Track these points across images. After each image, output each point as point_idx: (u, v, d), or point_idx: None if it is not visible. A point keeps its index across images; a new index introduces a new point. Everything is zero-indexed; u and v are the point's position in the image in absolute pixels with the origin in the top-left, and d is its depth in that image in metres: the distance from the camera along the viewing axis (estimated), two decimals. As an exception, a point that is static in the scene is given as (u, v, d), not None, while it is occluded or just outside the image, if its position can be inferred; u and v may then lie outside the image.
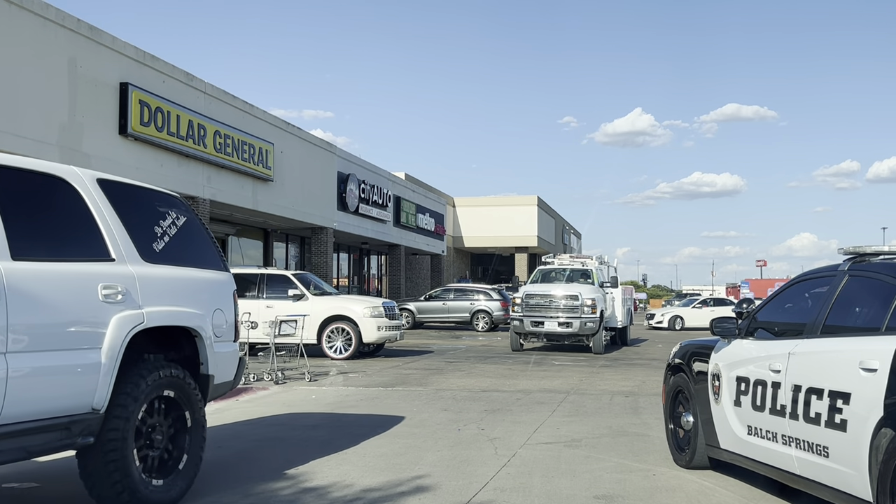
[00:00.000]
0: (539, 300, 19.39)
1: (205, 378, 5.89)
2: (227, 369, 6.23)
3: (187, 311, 5.67)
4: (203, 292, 5.98)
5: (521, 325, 19.44)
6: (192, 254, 6.07)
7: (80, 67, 16.88)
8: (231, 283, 6.44)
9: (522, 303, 19.48)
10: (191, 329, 5.72)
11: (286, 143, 26.02)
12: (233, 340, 6.31)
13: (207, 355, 5.86)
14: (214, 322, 5.97)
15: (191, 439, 5.58)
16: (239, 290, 17.69)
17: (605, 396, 11.21)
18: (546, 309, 19.21)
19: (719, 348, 6.02)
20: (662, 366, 16.93)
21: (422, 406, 10.18)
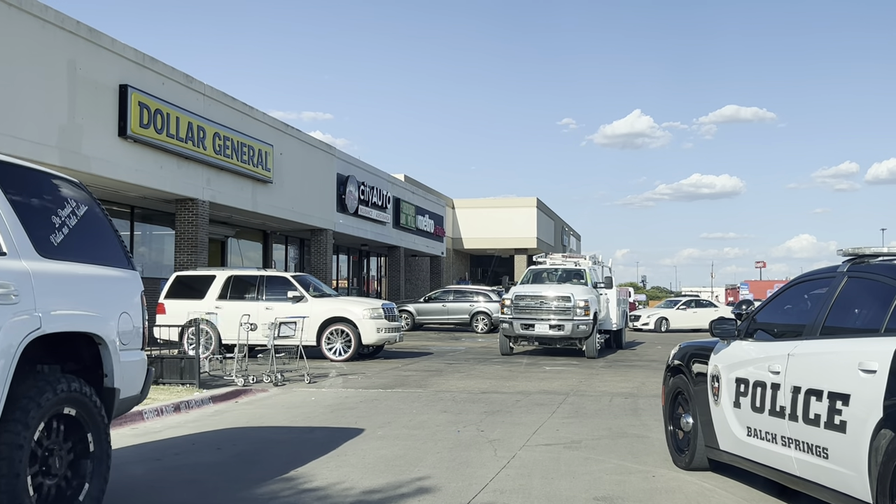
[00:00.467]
0: (529, 301, 18.53)
1: (109, 392, 5.10)
2: (135, 381, 5.47)
3: (90, 315, 4.90)
4: (108, 293, 5.23)
5: (510, 328, 18.59)
6: (95, 248, 5.29)
7: (79, 69, 16.88)
8: (138, 284, 5.72)
9: (512, 304, 18.66)
10: (94, 336, 4.96)
11: (286, 145, 26.04)
12: (140, 348, 5.59)
13: (113, 366, 5.08)
14: (121, 328, 5.21)
15: (93, 465, 4.80)
16: (238, 291, 17.85)
17: (604, 398, 11.22)
18: (537, 311, 18.36)
19: (718, 350, 6.02)
20: (662, 367, 16.93)
21: (421, 408, 10.18)
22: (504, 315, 18.75)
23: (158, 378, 11.99)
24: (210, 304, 17.47)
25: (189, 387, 11.59)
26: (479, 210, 52.84)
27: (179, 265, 20.96)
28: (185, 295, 17.94)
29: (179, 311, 17.02)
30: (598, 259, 22.88)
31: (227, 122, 22.36)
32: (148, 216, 24.14)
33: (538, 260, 22.09)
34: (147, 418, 9.14)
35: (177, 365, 12.07)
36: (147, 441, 7.94)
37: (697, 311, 35.70)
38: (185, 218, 21.29)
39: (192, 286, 18.18)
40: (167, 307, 17.85)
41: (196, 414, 9.74)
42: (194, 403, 10.16)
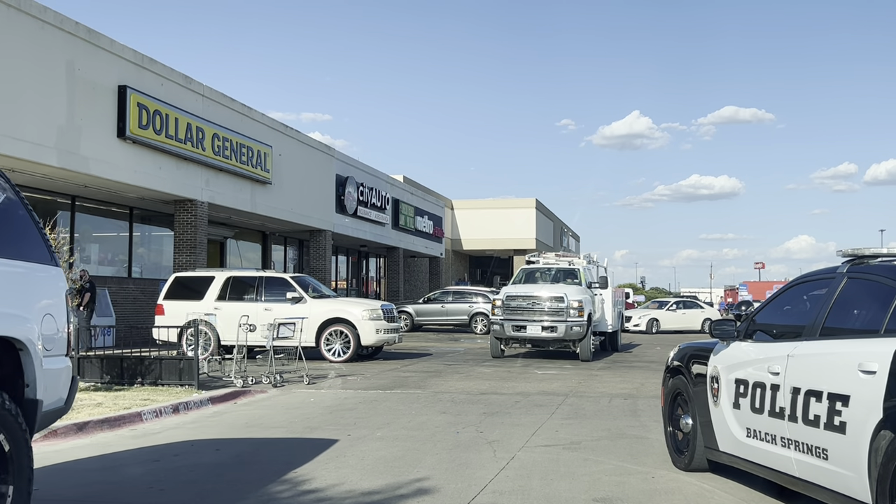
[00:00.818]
0: (521, 302, 17.90)
1: (32, 404, 4.49)
2: (59, 391, 4.88)
3: (10, 316, 4.35)
4: (29, 292, 4.65)
5: (501, 330, 17.98)
6: (13, 242, 4.69)
7: (78, 70, 16.88)
8: (62, 281, 5.15)
9: (503, 305, 18.03)
10: (14, 341, 4.38)
11: (285, 146, 26.04)
12: (65, 354, 5.00)
13: (35, 374, 4.50)
14: (44, 331, 4.63)
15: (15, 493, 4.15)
16: (237, 292, 17.84)
17: (603, 399, 11.21)
18: (529, 312, 17.75)
19: (718, 351, 6.01)
20: (661, 368, 16.94)
21: (420, 409, 10.17)
22: (495, 316, 18.25)
23: (157, 380, 11.98)
24: (209, 305, 17.46)
25: (188, 388, 11.58)
26: (478, 211, 52.85)
27: (178, 266, 20.95)
28: (184, 296, 17.93)
29: (178, 312, 17.00)
30: (592, 258, 22.32)
31: (226, 123, 22.36)
32: (147, 217, 24.13)
33: (531, 259, 21.52)
34: (146, 419, 9.13)
35: (175, 366, 12.06)
36: (145, 442, 7.93)
37: (686, 312, 35.58)
38: (184, 219, 21.28)
39: (191, 287, 18.16)
40: (166, 308, 17.83)
41: (195, 415, 9.73)
42: (193, 405, 10.14)
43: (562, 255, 22.11)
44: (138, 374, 12.14)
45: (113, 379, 12.18)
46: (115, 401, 10.03)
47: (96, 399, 10.23)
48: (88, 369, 12.34)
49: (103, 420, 8.55)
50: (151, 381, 12.03)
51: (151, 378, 12.06)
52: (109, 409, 9.30)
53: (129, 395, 10.64)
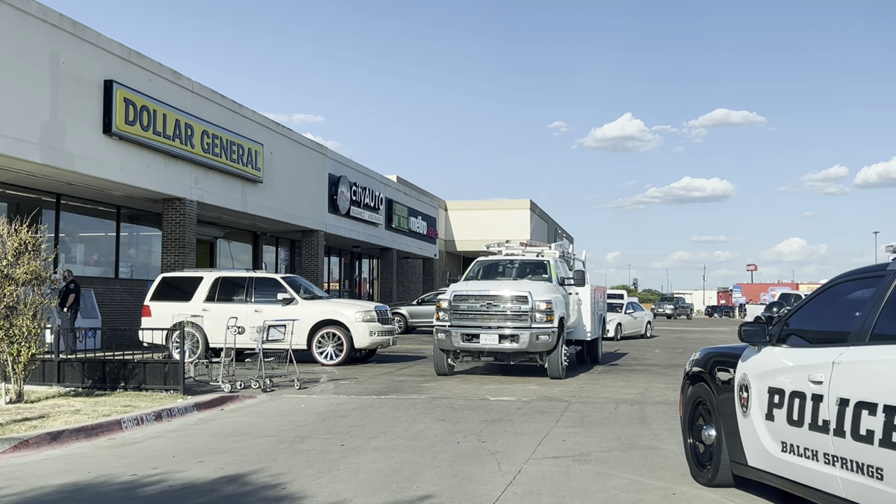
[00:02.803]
0: (473, 303, 13.93)
1: None
2: None
3: None
4: None
5: (447, 339, 13.98)
6: None
7: (62, 64, 16.31)
8: None
9: (450, 307, 14.05)
10: None
11: (276, 144, 25.47)
12: None
13: None
14: None
15: None
16: (226, 293, 17.26)
17: (609, 405, 10.70)
18: (483, 316, 13.85)
19: (747, 356, 5.50)
20: (663, 372, 16.47)
21: (417, 416, 9.64)
22: (439, 322, 14.20)
23: (141, 384, 11.43)
24: (197, 306, 16.89)
25: (173, 393, 11.03)
26: (471, 212, 52.36)
27: (166, 266, 20.37)
28: (172, 297, 17.36)
29: (165, 314, 16.45)
30: (567, 250, 18.32)
31: (216, 121, 21.79)
32: (135, 216, 23.53)
33: (490, 250, 17.35)
34: (126, 428, 8.57)
35: (160, 370, 11.51)
36: (123, 454, 7.38)
37: (636, 315, 31.72)
38: (173, 218, 20.69)
39: (179, 288, 17.60)
40: (153, 309, 17.26)
41: (179, 423, 9.17)
42: (177, 411, 9.58)
43: (528, 244, 17.70)
44: (121, 379, 11.58)
45: (94, 383, 11.61)
46: (94, 407, 9.47)
47: (75, 405, 9.68)
48: (69, 373, 11.77)
49: (80, 429, 8.00)
50: (135, 385, 11.48)
51: (135, 383, 11.50)
52: (88, 416, 8.75)
53: (109, 401, 10.08)
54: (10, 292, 9.79)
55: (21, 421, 8.43)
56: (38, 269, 10.04)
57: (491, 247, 17.44)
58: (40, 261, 10.18)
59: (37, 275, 10.05)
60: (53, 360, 11.70)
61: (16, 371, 10.01)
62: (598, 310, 18.05)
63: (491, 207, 53.70)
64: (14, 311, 9.90)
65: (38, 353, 10.27)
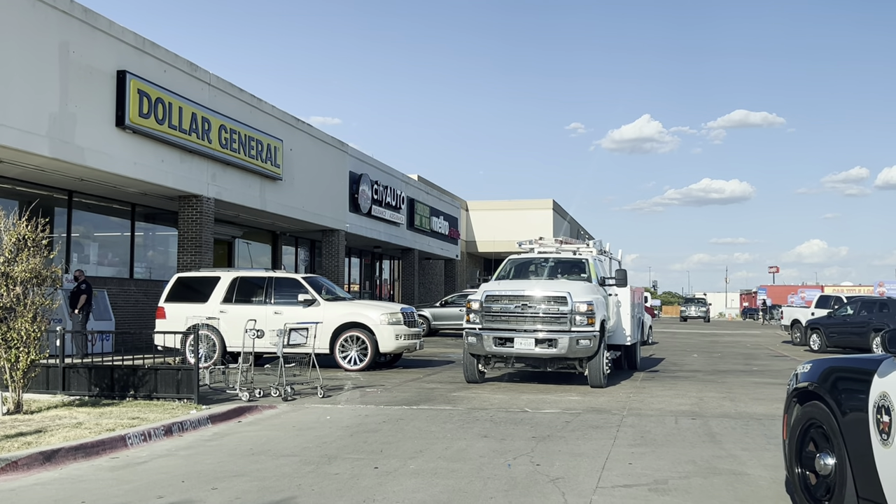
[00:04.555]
0: (507, 304, 12.94)
1: None
2: None
3: None
4: None
5: (478, 343, 12.97)
6: None
7: (72, 53, 15.47)
8: None
9: (482, 309, 13.05)
10: None
11: (296, 140, 24.58)
12: None
13: None
14: None
15: None
16: (245, 294, 16.29)
17: (667, 419, 9.63)
18: (518, 318, 12.83)
19: (887, 372, 4.45)
20: (709, 379, 15.30)
21: (456, 430, 8.65)
22: (470, 324, 13.19)
23: (152, 392, 10.52)
24: (214, 307, 16.01)
25: (186, 402, 10.11)
26: (493, 212, 51.28)
27: (182, 266, 19.51)
28: (187, 298, 16.49)
29: (181, 316, 15.58)
30: (604, 248, 16.82)
31: (234, 115, 20.91)
32: (150, 215, 22.72)
33: (523, 247, 16.13)
34: (131, 444, 7.63)
35: (173, 377, 10.59)
36: (126, 477, 6.44)
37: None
38: (189, 216, 19.83)
39: (195, 288, 16.72)
40: (167, 311, 16.39)
41: (191, 438, 8.23)
42: (189, 424, 8.64)
43: (564, 241, 16.36)
44: (130, 386, 10.67)
45: (102, 391, 10.72)
46: (98, 419, 8.56)
47: (78, 417, 8.77)
48: (74, 380, 10.89)
49: (78, 447, 7.06)
50: (145, 394, 10.57)
51: (145, 391, 10.59)
52: (89, 430, 7.82)
53: (116, 412, 9.17)
54: (7, 292, 8.90)
55: (14, 436, 7.52)
56: (38, 266, 9.14)
57: (523, 244, 16.26)
58: (41, 258, 9.28)
59: (37, 273, 9.16)
60: (58, 367, 10.83)
61: (14, 379, 9.12)
62: (637, 312, 16.90)
63: (512, 208, 52.60)
64: (12, 313, 9.02)
65: (39, 358, 9.37)
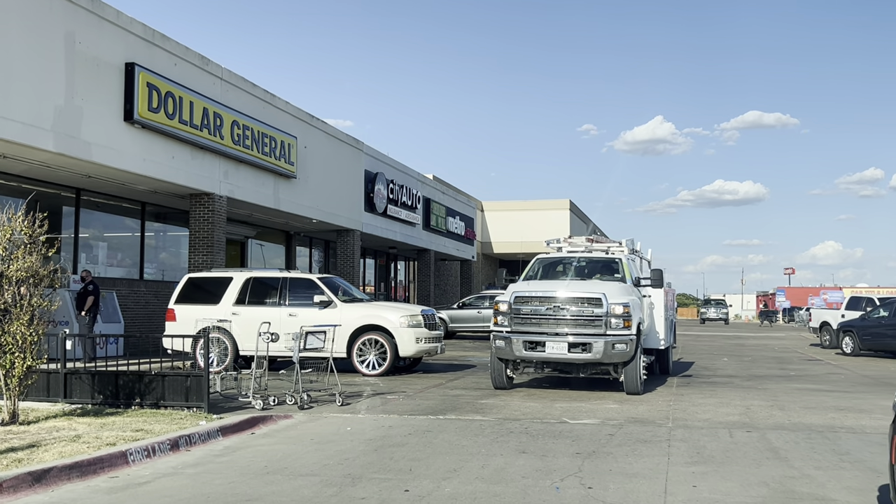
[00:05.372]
0: (537, 306, 12.29)
1: None
2: None
3: None
4: None
5: (507, 347, 12.26)
6: None
7: (79, 44, 14.81)
8: None
9: (510, 311, 12.38)
10: None
11: (310, 138, 23.87)
12: None
13: None
14: None
15: None
16: (258, 295, 15.47)
17: (720, 432, 8.80)
18: (549, 321, 12.18)
19: None
20: (748, 385, 14.36)
21: (490, 445, 7.87)
22: (498, 326, 12.52)
23: (159, 400, 9.81)
24: (226, 309, 15.30)
25: (195, 412, 9.39)
26: (509, 213, 50.42)
27: (194, 266, 18.84)
28: (199, 299, 15.79)
29: (192, 318, 14.88)
30: (636, 247, 15.81)
31: (247, 111, 20.22)
32: (161, 214, 22.08)
33: (551, 246, 15.35)
34: (133, 461, 6.89)
35: (181, 384, 9.87)
36: (125, 499, 5.71)
37: None
38: (200, 214, 19.15)
39: (207, 289, 16.02)
40: (178, 313, 15.69)
41: (199, 453, 7.49)
42: (198, 437, 7.89)
43: (595, 239, 15.47)
44: (136, 394, 9.96)
45: (106, 399, 10.01)
46: (99, 431, 7.83)
47: (77, 428, 8.05)
48: (77, 387, 10.18)
49: (73, 465, 6.33)
50: (152, 402, 9.85)
51: (152, 398, 9.88)
52: (88, 444, 7.10)
53: (119, 423, 8.45)
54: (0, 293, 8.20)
55: (4, 452, 6.79)
56: (35, 265, 8.44)
57: (551, 242, 15.49)
58: (38, 255, 8.58)
59: (34, 272, 8.45)
60: (59, 373, 10.13)
61: (9, 386, 8.42)
62: (669, 314, 16.02)
63: (529, 208, 51.72)
64: (7, 315, 8.32)
65: (37, 364, 8.66)
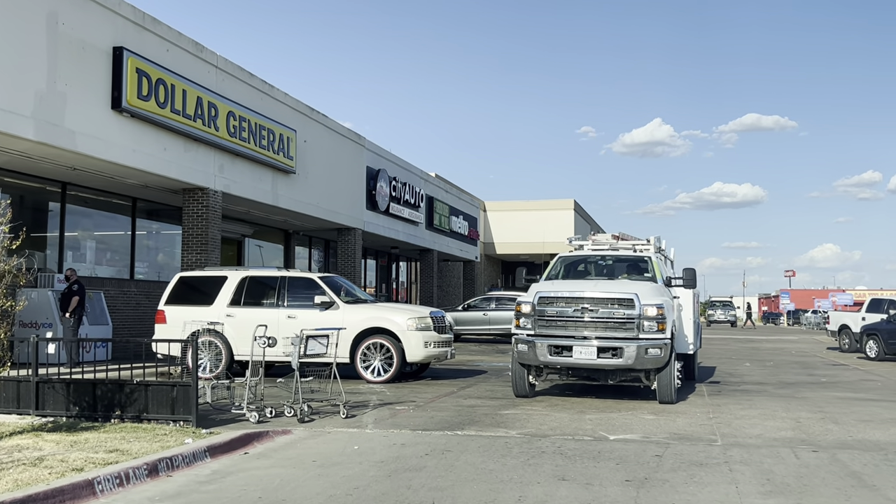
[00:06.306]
0: (563, 308, 11.34)
1: None
2: None
3: None
4: None
5: (531, 352, 11.34)
6: None
7: (62, 24, 13.73)
8: None
9: (534, 312, 11.46)
10: None
11: (310, 131, 22.77)
12: None
13: None
14: None
15: None
16: (254, 296, 14.12)
17: (782, 451, 7.69)
18: (576, 324, 11.23)
19: None
20: (785, 394, 13.02)
21: (522, 469, 6.77)
22: (520, 329, 11.61)
23: (142, 412, 8.72)
24: (220, 311, 14.22)
25: (182, 426, 8.31)
26: (512, 213, 49.31)
27: (187, 265, 17.75)
28: (191, 300, 14.72)
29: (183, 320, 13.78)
30: (661, 245, 14.71)
31: (244, 101, 19.14)
32: (154, 211, 20.98)
33: (575, 244, 14.39)
34: (101, 492, 5.78)
35: (167, 394, 8.78)
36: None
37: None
38: (194, 210, 18.05)
39: (199, 289, 14.94)
40: (168, 315, 14.61)
41: (182, 479, 6.38)
42: (182, 460, 6.78)
43: (621, 236, 14.52)
44: (116, 405, 8.87)
45: (82, 411, 8.93)
46: (67, 452, 6.74)
47: (43, 448, 6.95)
48: (50, 398, 9.10)
49: (25, 500, 5.23)
50: (134, 414, 8.77)
51: (134, 411, 8.79)
52: (50, 470, 6.00)
53: (93, 441, 7.35)
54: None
55: (-52, 480, 5.71)
56: (-6, 259, 7.36)
57: (574, 240, 14.46)
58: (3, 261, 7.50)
59: (-5, 267, 7.38)
60: (30, 381, 9.04)
61: (-34, 399, 7.34)
62: (696, 317, 15.06)
63: (532, 208, 50.59)
64: (-37, 318, 7.25)
65: (0, 373, 7.58)
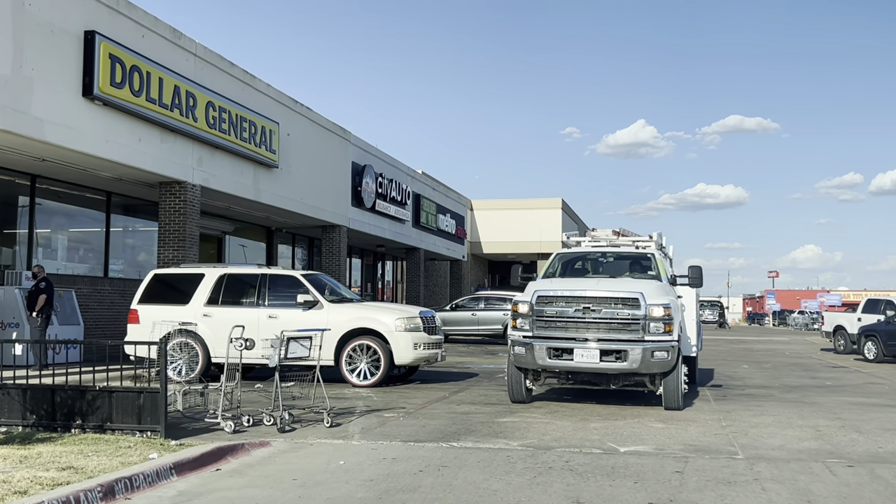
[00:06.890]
0: (564, 308, 10.57)
1: None
2: None
3: None
4: None
5: (529, 355, 10.56)
6: None
7: (28, 5, 12.89)
8: None
9: (532, 313, 10.68)
10: None
11: (294, 124, 21.95)
12: None
13: None
14: None
15: None
16: (233, 294, 13.00)
17: (813, 466, 6.97)
18: (578, 325, 10.47)
19: None
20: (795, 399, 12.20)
21: (529, 488, 6.02)
22: (517, 331, 10.85)
23: (105, 421, 7.92)
24: (196, 310, 13.40)
25: (150, 436, 7.52)
26: (499, 212, 48.63)
27: (163, 262, 16.90)
28: (166, 299, 13.88)
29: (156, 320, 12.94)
30: (663, 243, 14.07)
31: (224, 91, 18.31)
32: (129, 207, 20.09)
33: (573, 241, 13.75)
34: (46, 520, 5.00)
35: (133, 401, 7.97)
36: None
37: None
38: (171, 205, 17.20)
39: (175, 287, 14.11)
40: (141, 314, 13.76)
41: (143, 502, 5.60)
42: (143, 479, 5.98)
43: (622, 233, 13.92)
44: (77, 414, 8.06)
45: (40, 420, 8.11)
46: (14, 470, 5.93)
47: (-13, 465, 6.14)
48: (5, 405, 8.27)
49: (-48, 531, 4.46)
50: (96, 423, 7.96)
51: (96, 420, 7.98)
52: (-10, 493, 5.22)
53: (46, 455, 6.54)
54: None
55: None
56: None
57: (571, 236, 13.80)
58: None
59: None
60: (-17, 387, 8.21)
61: None
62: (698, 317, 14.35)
63: (519, 207, 49.95)
64: None
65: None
